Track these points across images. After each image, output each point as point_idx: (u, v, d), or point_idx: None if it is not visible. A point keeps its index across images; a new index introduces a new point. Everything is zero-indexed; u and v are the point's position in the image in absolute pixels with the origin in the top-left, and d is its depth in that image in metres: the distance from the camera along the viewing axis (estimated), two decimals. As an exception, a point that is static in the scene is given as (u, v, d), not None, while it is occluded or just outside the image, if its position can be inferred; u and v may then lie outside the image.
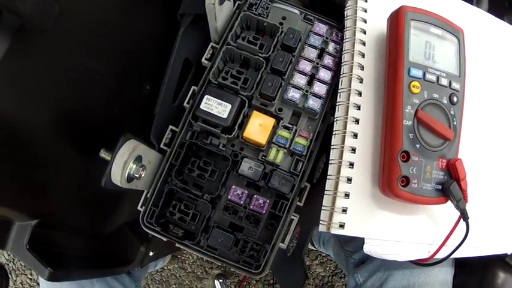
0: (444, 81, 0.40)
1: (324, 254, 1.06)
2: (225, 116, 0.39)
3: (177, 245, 0.40)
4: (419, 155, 0.38)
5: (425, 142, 0.38)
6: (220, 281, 1.00)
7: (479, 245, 0.45)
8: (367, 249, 0.40)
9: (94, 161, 0.36)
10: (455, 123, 0.40)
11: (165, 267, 1.04)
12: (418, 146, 0.38)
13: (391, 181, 0.37)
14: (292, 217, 0.42)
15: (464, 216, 0.40)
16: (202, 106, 0.39)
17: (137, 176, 0.36)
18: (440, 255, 0.42)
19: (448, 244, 0.41)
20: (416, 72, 0.38)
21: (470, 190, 0.44)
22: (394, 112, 0.38)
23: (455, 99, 0.40)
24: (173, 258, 1.03)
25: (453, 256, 0.44)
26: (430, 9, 0.41)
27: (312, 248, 1.05)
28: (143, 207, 0.40)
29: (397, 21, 0.39)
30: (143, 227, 0.39)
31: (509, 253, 0.52)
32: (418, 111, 0.38)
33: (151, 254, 0.50)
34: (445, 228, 0.41)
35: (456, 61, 0.41)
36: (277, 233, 0.40)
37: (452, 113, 0.40)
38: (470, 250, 0.45)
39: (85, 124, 0.38)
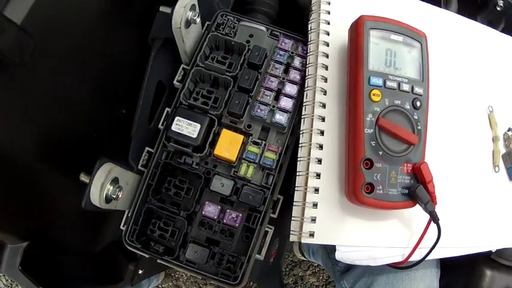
0: (406, 87, 0.40)
1: (316, 264, 1.06)
2: (194, 135, 0.41)
3: (158, 261, 0.43)
4: (383, 161, 0.39)
5: (388, 149, 0.39)
6: None
7: (457, 245, 0.45)
8: (339, 256, 0.41)
9: (78, 184, 0.39)
10: (419, 127, 0.40)
11: (160, 286, 1.05)
12: (381, 153, 0.38)
13: (355, 189, 0.38)
14: (267, 229, 0.43)
15: (434, 218, 0.40)
16: (173, 127, 0.41)
17: (114, 196, 0.38)
18: (415, 257, 0.43)
19: (423, 246, 0.42)
20: (376, 81, 0.39)
21: (442, 191, 0.45)
22: (355, 121, 0.39)
23: (418, 103, 0.40)
24: (167, 276, 1.04)
25: (431, 257, 0.44)
26: (395, 16, 0.41)
27: (303, 258, 1.06)
28: (125, 226, 0.42)
29: (356, 31, 0.40)
30: (125, 245, 0.42)
31: (493, 250, 0.52)
32: (379, 118, 0.39)
33: (140, 272, 0.53)
34: (418, 230, 0.41)
35: (419, 66, 0.42)
36: (252, 245, 0.42)
37: (416, 118, 0.40)
38: (448, 251, 0.45)
39: (67, 149, 0.41)
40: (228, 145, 0.42)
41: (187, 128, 0.41)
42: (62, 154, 0.41)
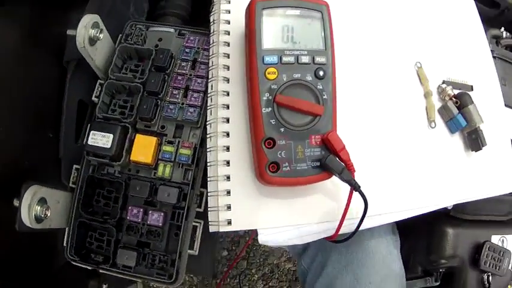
0: (306, 59, 0.39)
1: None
2: (108, 146, 0.42)
3: (101, 271, 0.44)
4: (286, 138, 0.38)
5: (290, 124, 0.38)
6: None
7: (398, 208, 0.43)
8: (263, 239, 0.40)
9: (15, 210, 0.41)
10: (325, 96, 0.39)
11: None
12: (282, 129, 0.38)
13: (260, 170, 0.37)
14: (195, 223, 0.43)
15: (353, 186, 0.38)
16: (90, 141, 0.42)
17: (43, 216, 0.40)
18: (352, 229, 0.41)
19: (357, 217, 0.40)
20: (270, 59, 0.38)
21: (373, 156, 0.43)
22: (253, 102, 0.38)
23: (321, 73, 0.39)
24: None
25: (370, 225, 0.42)
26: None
27: (275, 246, 1.04)
28: (66, 242, 0.44)
29: (249, 14, 0.40)
30: (69, 260, 0.43)
31: (449, 207, 0.49)
32: (276, 95, 0.38)
33: (105, 286, 0.54)
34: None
35: (320, 35, 0.40)
36: (181, 241, 0.42)
37: (321, 88, 0.39)
38: (389, 216, 0.43)
39: (1, 179, 0.43)
40: (142, 149, 0.43)
41: (101, 139, 0.42)
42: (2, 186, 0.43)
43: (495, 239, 0.56)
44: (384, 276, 0.48)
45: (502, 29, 0.61)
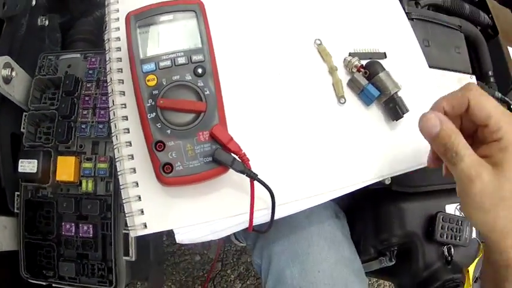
0: (182, 60, 0.41)
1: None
2: (34, 170, 0.46)
3: (54, 285, 0.48)
4: (174, 138, 0.39)
5: (175, 124, 0.40)
6: None
7: (319, 191, 0.43)
8: (179, 238, 0.42)
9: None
10: (207, 92, 0.40)
11: None
12: (169, 131, 0.39)
13: (156, 172, 0.39)
14: (126, 231, 0.46)
15: (249, 175, 0.40)
16: (19, 169, 0.47)
17: None
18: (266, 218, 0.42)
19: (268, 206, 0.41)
20: (148, 67, 0.40)
21: (280, 142, 0.44)
22: (139, 110, 0.40)
23: (200, 70, 0.41)
24: None
25: (289, 212, 0.43)
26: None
27: (242, 244, 1.05)
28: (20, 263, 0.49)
29: (126, 28, 0.42)
30: (24, 278, 0.48)
31: (387, 182, 0.48)
32: (158, 100, 0.40)
33: None
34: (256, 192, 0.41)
35: (196, 34, 0.42)
36: (113, 249, 0.45)
37: (201, 85, 0.41)
38: (309, 200, 0.43)
39: None
40: (65, 169, 0.46)
41: (28, 165, 0.46)
42: None
43: (450, 208, 0.54)
44: (332, 262, 0.48)
45: (421, -12, 0.59)
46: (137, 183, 0.42)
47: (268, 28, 0.47)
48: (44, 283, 0.48)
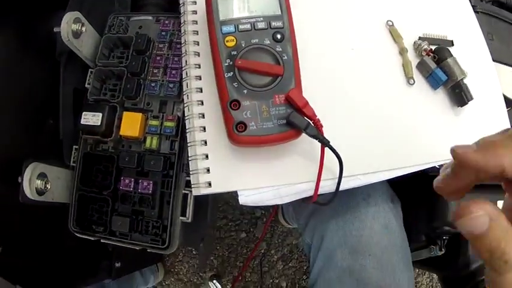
0: (262, 25, 0.42)
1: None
2: (98, 123, 0.47)
3: (102, 240, 0.48)
4: (250, 99, 0.40)
5: (253, 85, 0.40)
6: (214, 281, 1.03)
7: (381, 167, 0.43)
8: (243, 200, 0.42)
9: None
10: (285, 57, 0.41)
11: (163, 283, 1.10)
12: (245, 91, 0.40)
13: (229, 130, 0.40)
14: (185, 191, 0.46)
15: (321, 141, 0.40)
16: (82, 121, 0.47)
17: (43, 188, 0.45)
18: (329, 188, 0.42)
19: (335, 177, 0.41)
20: (227, 28, 0.41)
21: (350, 115, 0.44)
22: (216, 69, 0.41)
23: (279, 36, 0.41)
24: (168, 273, 1.09)
25: (353, 185, 0.43)
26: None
27: (289, 225, 1.07)
28: (69, 215, 0.49)
29: (207, -9, 0.43)
30: (72, 232, 0.48)
31: (437, 166, 0.48)
32: (236, 60, 0.40)
33: (117, 265, 0.58)
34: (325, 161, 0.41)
35: (276, 1, 0.43)
36: (171, 208, 0.45)
37: (280, 50, 0.41)
38: (373, 175, 0.43)
39: (15, 164, 0.48)
40: (130, 124, 0.47)
41: (92, 118, 0.47)
42: (10, 170, 0.48)
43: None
44: (384, 247, 0.47)
45: (488, -16, 0.60)
46: (206, 142, 0.43)
47: (344, 4, 0.48)
48: (92, 238, 0.48)
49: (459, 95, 0.46)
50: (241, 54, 0.41)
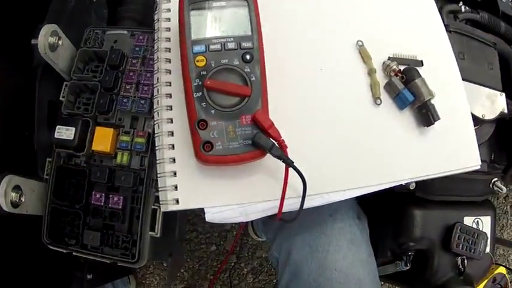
0: (232, 45, 0.42)
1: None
2: (71, 138, 0.47)
3: (74, 253, 0.49)
4: (217, 119, 0.41)
5: (220, 106, 0.41)
6: None
7: (346, 186, 0.44)
8: (209, 217, 0.43)
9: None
10: (253, 78, 0.42)
11: None
12: (213, 111, 0.41)
13: (196, 149, 0.41)
14: (155, 207, 0.47)
15: (285, 162, 0.41)
16: (56, 135, 0.48)
17: (17, 200, 0.45)
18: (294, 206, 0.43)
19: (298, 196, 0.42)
20: (198, 48, 0.42)
21: (313, 135, 0.45)
22: (186, 88, 0.42)
23: (248, 57, 0.42)
24: (139, 285, 1.08)
25: (317, 203, 0.44)
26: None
27: (260, 239, 1.07)
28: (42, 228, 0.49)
29: (179, 10, 0.43)
30: (45, 245, 0.49)
31: (411, 187, 0.49)
32: (205, 80, 0.41)
33: (89, 277, 0.59)
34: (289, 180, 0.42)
35: (247, 22, 0.43)
36: (141, 223, 0.46)
37: (248, 70, 0.42)
38: (338, 194, 0.44)
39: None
40: (102, 140, 0.47)
41: (65, 132, 0.47)
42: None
43: (468, 220, 0.55)
44: (350, 262, 0.48)
45: (461, 3, 0.61)
46: (174, 160, 0.43)
47: (314, 24, 0.49)
48: (64, 250, 0.49)
49: (426, 115, 0.47)
50: (211, 74, 0.41)
